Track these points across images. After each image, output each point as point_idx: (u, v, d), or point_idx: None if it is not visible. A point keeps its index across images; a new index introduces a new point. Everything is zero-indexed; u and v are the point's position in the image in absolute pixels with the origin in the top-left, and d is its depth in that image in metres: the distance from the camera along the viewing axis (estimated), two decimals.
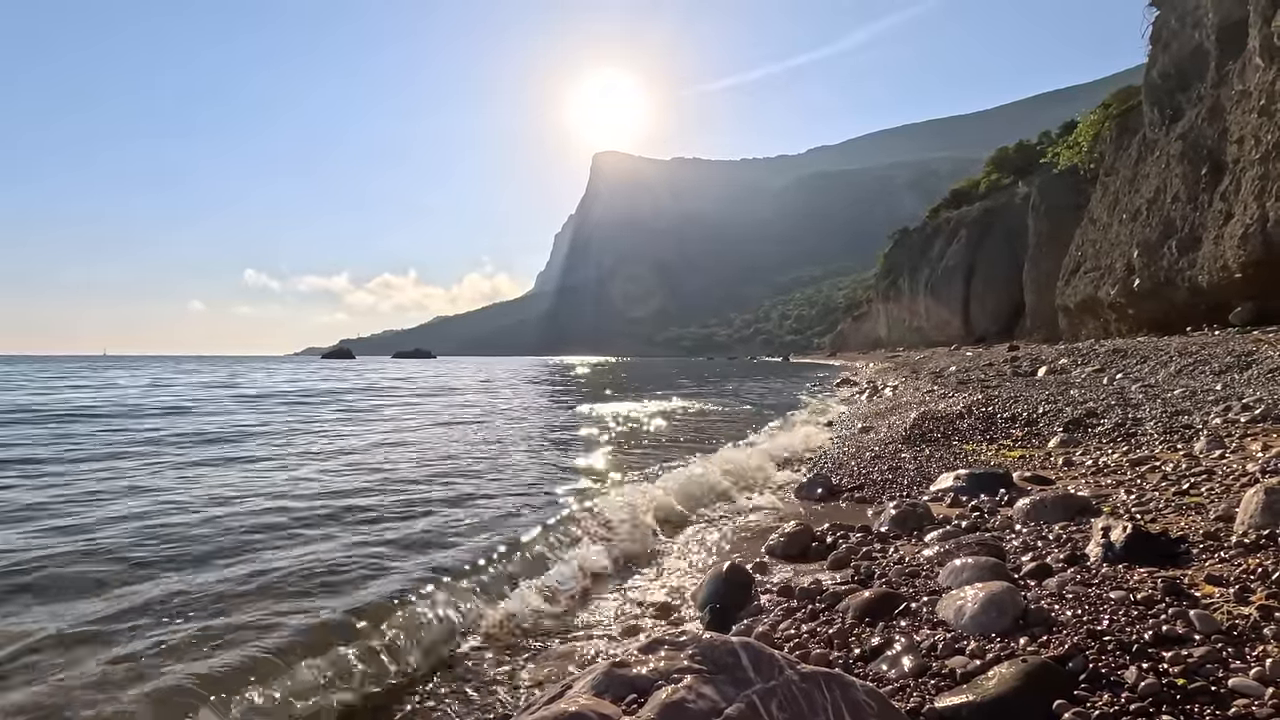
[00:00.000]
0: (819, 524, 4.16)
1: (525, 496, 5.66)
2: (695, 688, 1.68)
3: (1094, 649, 1.94)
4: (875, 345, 72.89)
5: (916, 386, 14.63)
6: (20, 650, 2.63)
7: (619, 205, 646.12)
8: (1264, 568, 2.34)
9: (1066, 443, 5.75)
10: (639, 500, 4.94)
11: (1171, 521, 3.10)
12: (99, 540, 4.09)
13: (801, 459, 7.69)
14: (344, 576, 3.51)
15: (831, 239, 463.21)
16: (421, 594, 3.22)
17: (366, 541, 4.16)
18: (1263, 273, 14.02)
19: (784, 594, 3.03)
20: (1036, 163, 42.65)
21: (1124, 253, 20.47)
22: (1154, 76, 20.19)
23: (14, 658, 2.58)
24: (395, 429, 11.03)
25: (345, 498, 5.41)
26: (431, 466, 7.11)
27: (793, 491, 5.66)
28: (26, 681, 2.41)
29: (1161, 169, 18.96)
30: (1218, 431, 4.91)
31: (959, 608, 2.35)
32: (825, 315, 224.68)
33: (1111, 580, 2.45)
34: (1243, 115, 15.08)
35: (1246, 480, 3.49)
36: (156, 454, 7.80)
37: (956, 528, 3.63)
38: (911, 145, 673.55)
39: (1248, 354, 8.92)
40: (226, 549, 3.97)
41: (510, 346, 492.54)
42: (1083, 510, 3.49)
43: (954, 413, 8.17)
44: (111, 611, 3.00)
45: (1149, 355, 11.22)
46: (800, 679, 1.77)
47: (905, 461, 6.08)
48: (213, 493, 5.59)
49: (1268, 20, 13.99)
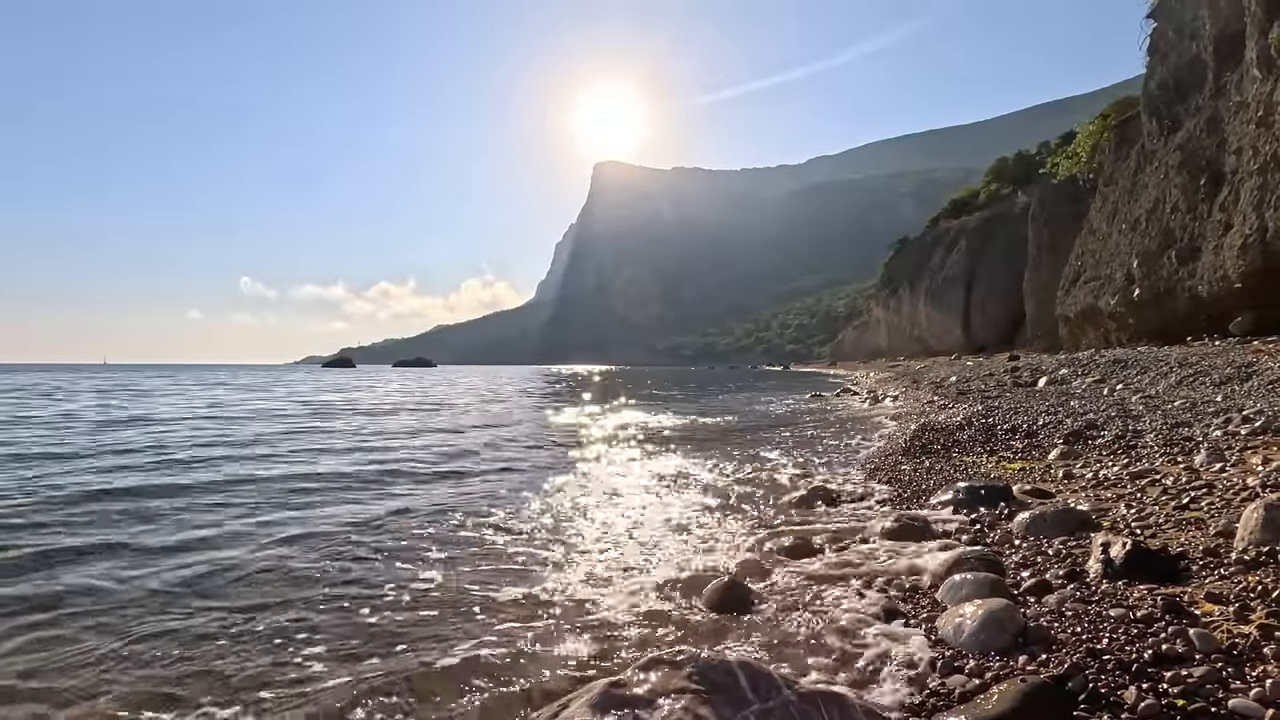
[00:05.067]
0: (818, 537, 4.14)
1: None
2: (692, 708, 1.68)
3: (1094, 668, 1.93)
4: (876, 354, 72.86)
5: (917, 397, 14.62)
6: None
7: (620, 214, 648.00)
8: (1264, 585, 2.33)
9: (1067, 455, 5.74)
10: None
11: (1171, 537, 3.09)
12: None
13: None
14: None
15: (832, 248, 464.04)
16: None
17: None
18: (1262, 283, 14.03)
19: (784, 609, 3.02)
20: (1036, 173, 42.79)
21: (1123, 262, 20.50)
22: (1152, 87, 20.29)
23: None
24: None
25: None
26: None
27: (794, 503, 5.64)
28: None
29: (1160, 179, 19.02)
30: (1218, 444, 4.90)
31: (958, 625, 2.34)
32: (826, 324, 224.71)
33: (1111, 598, 2.44)
34: (1241, 126, 15.15)
35: (1247, 495, 3.48)
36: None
37: (956, 542, 3.62)
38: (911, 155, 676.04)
39: (1248, 365, 8.91)
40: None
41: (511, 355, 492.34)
42: (1082, 524, 3.48)
43: (954, 424, 8.16)
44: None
45: (1149, 366, 11.21)
46: (798, 699, 1.77)
47: (905, 473, 6.06)
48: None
49: (1264, 32, 14.08)
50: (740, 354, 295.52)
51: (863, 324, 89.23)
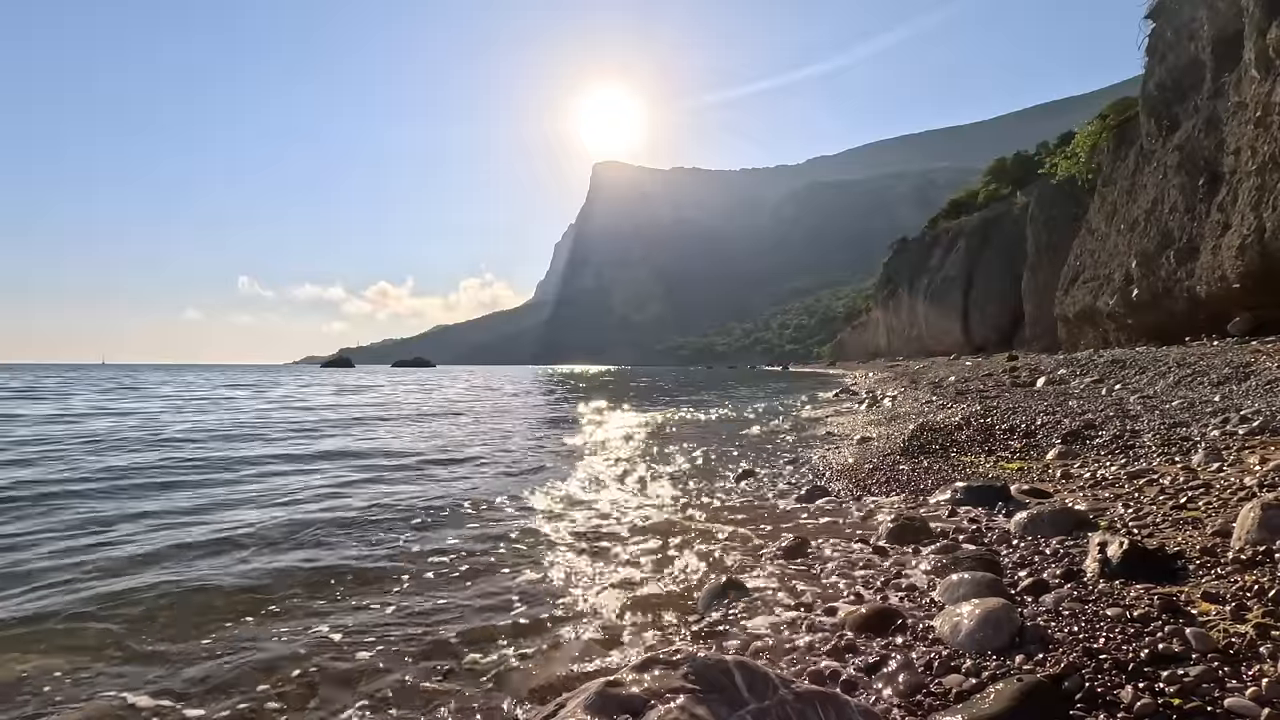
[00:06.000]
0: (815, 537, 4.14)
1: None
2: (689, 708, 1.67)
3: (1090, 668, 1.93)
4: (875, 354, 72.91)
5: (915, 397, 14.62)
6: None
7: (619, 215, 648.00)
8: (1260, 585, 2.33)
9: (1065, 455, 5.74)
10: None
11: (1168, 536, 3.09)
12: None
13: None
14: None
15: (831, 248, 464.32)
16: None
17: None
18: (1260, 283, 14.04)
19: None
20: (1034, 173, 42.77)
21: (1122, 263, 20.52)
22: (1151, 88, 20.30)
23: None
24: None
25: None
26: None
27: (791, 502, 5.64)
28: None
29: (1159, 180, 19.04)
30: (1215, 444, 4.90)
31: (955, 624, 2.34)
32: (825, 325, 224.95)
33: (1108, 597, 2.44)
34: (1239, 127, 15.16)
35: (1244, 494, 3.48)
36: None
37: (954, 541, 3.62)
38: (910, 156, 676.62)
39: (1245, 365, 8.91)
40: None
41: (510, 355, 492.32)
42: (1080, 524, 3.48)
43: (952, 424, 8.16)
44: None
45: (1147, 366, 11.22)
46: (795, 699, 1.76)
47: (903, 473, 6.06)
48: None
49: (1263, 33, 14.09)
50: (739, 354, 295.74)
51: (861, 324, 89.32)
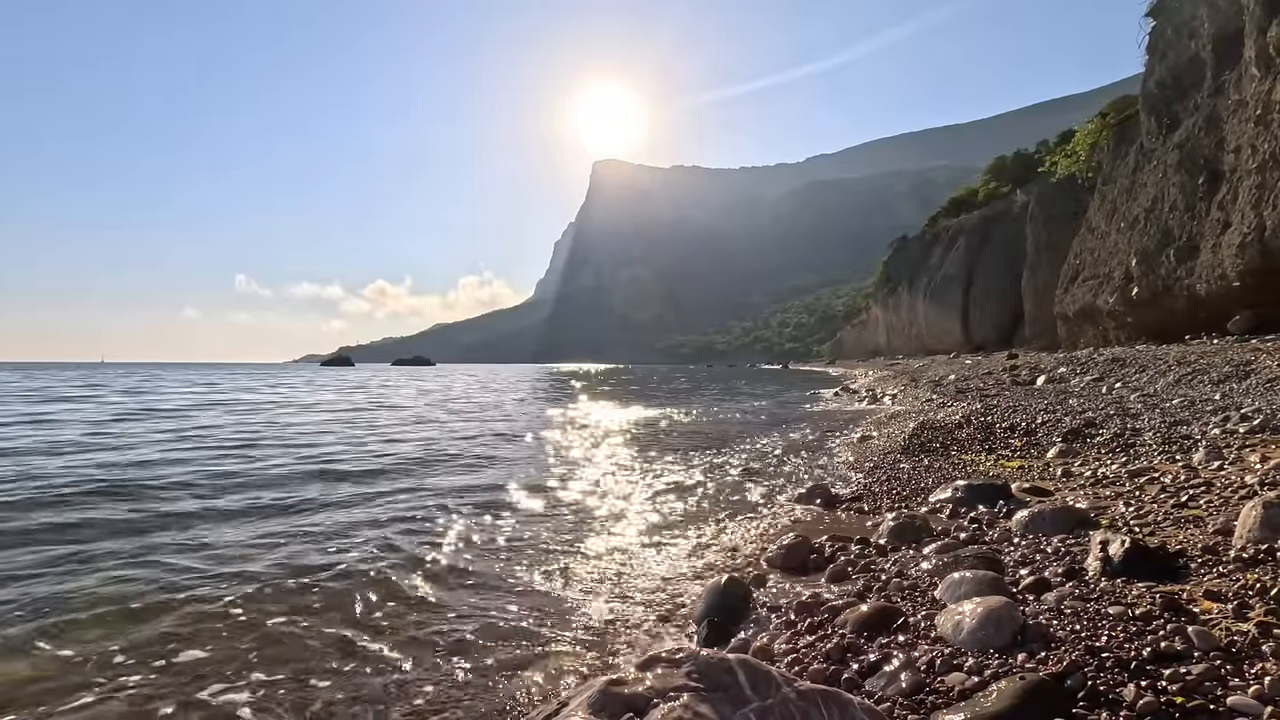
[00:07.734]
0: (817, 536, 4.14)
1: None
2: (692, 706, 1.68)
3: (1092, 666, 1.93)
4: (874, 353, 72.91)
5: (916, 395, 14.63)
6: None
7: (619, 213, 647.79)
8: (1262, 583, 2.33)
9: (1065, 453, 5.74)
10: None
11: (1170, 535, 3.10)
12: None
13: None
14: None
15: (830, 247, 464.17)
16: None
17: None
18: (1260, 281, 14.05)
19: (783, 608, 3.02)
20: (1034, 172, 42.75)
21: (1122, 261, 20.52)
22: (1151, 86, 20.29)
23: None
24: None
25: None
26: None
27: (793, 501, 5.65)
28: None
29: (1159, 178, 19.03)
30: (1216, 442, 4.90)
31: (957, 623, 2.34)
32: (824, 323, 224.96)
33: (1110, 595, 2.44)
34: (1239, 125, 15.16)
35: (1245, 493, 3.49)
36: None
37: (955, 540, 3.62)
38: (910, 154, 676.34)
39: (1246, 363, 8.92)
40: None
41: (510, 354, 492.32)
42: (1081, 523, 3.48)
43: (953, 422, 8.17)
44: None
45: (1148, 364, 11.22)
46: (798, 697, 1.76)
47: (904, 472, 6.06)
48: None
49: (1263, 31, 14.08)
50: (739, 353, 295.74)
51: (861, 323, 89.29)
